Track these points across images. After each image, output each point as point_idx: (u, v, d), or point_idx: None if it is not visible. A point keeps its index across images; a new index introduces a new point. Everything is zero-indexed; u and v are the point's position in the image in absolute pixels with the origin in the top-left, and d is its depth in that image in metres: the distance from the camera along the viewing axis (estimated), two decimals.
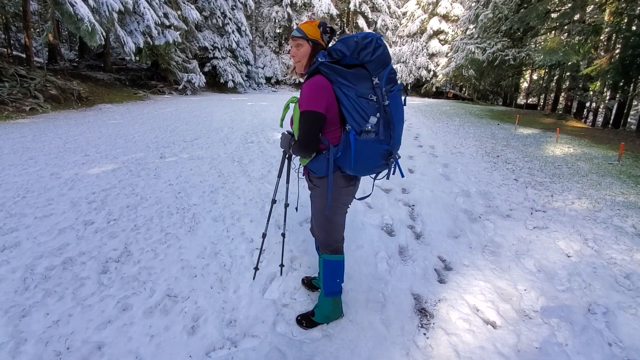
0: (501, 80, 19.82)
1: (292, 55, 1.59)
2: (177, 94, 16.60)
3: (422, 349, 1.72)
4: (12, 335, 1.67)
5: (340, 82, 1.43)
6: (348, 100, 1.43)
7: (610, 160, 6.20)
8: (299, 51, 1.56)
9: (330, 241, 1.74)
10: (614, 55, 10.24)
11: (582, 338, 1.81)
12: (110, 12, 10.19)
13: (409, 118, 11.46)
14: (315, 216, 1.74)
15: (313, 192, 1.70)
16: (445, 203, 3.70)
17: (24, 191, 3.49)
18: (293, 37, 1.56)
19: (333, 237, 1.74)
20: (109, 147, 5.49)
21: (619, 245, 2.84)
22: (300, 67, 1.60)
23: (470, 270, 2.44)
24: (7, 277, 2.11)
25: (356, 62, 1.43)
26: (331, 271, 1.75)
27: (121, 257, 2.41)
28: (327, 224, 1.71)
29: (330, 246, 1.74)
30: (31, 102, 8.68)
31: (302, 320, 1.86)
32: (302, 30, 1.53)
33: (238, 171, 4.54)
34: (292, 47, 1.58)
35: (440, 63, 25.86)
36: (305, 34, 1.52)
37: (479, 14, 15.51)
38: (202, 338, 1.73)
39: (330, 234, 1.73)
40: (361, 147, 1.46)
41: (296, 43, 1.56)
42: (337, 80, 1.43)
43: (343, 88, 1.43)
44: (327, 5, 25.58)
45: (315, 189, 1.67)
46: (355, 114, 1.43)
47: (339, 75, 1.43)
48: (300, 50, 1.55)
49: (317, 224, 1.74)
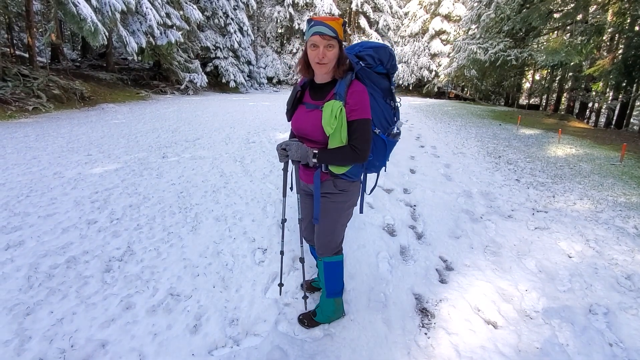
0: (503, 80, 19.78)
1: (322, 57, 1.38)
2: (179, 94, 16.64)
3: (423, 348, 1.73)
4: (16, 333, 1.69)
5: (372, 88, 1.52)
6: (378, 105, 1.53)
7: (613, 161, 6.18)
8: (330, 52, 1.38)
9: (335, 244, 1.72)
10: (617, 56, 10.21)
11: (583, 338, 1.82)
12: (112, 12, 10.22)
13: (411, 118, 11.45)
14: (326, 223, 1.64)
15: (334, 198, 1.60)
16: (447, 203, 3.70)
17: (27, 190, 3.52)
18: (323, 35, 1.35)
19: (339, 238, 1.73)
20: (111, 147, 5.52)
21: (620, 246, 2.84)
22: (327, 69, 1.43)
23: (472, 270, 2.44)
24: (11, 275, 2.13)
25: (383, 71, 1.54)
26: (333, 273, 1.75)
27: (124, 256, 2.42)
28: (339, 227, 1.68)
29: (335, 249, 1.72)
30: (34, 101, 8.72)
31: (303, 319, 1.86)
32: (334, 28, 1.35)
33: (240, 171, 4.56)
34: (320, 47, 1.37)
35: (442, 63, 25.83)
36: (338, 34, 1.37)
37: (481, 14, 15.47)
38: (204, 336, 1.74)
39: (338, 236, 1.71)
40: (390, 147, 1.62)
41: (328, 43, 1.37)
42: (370, 86, 1.51)
43: (375, 94, 1.52)
44: (329, 5, 25.59)
45: (339, 194, 1.60)
46: (382, 119, 1.56)
47: (372, 82, 1.52)
48: (332, 52, 1.38)
49: (326, 230, 1.66)
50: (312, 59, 1.42)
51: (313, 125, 1.48)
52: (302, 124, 1.54)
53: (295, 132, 1.61)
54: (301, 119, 1.55)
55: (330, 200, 1.60)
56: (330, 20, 1.36)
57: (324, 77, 1.50)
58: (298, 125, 1.57)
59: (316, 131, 1.48)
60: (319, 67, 1.42)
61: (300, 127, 1.56)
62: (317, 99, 1.52)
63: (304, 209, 1.81)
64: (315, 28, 1.36)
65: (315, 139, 1.51)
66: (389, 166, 5.11)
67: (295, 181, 1.69)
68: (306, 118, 1.53)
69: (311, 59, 1.43)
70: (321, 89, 1.52)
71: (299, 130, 1.57)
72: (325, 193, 1.59)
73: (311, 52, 1.41)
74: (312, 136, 1.51)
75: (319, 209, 1.59)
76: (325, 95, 1.49)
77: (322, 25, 1.35)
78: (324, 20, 1.36)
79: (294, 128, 1.61)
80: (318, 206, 1.58)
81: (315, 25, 1.36)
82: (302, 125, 1.55)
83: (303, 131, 1.55)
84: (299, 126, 1.57)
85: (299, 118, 1.57)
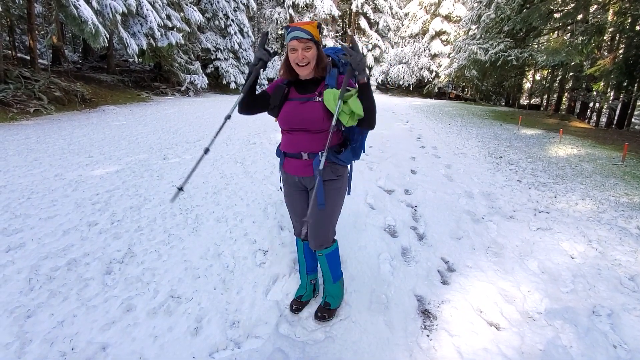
0: (504, 80, 19.75)
1: (301, 58, 1.50)
2: (180, 96, 16.65)
3: (425, 350, 1.71)
4: (17, 336, 1.69)
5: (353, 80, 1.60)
6: None
7: (614, 161, 6.16)
8: (309, 53, 1.51)
9: (334, 232, 1.85)
10: (618, 55, 10.18)
11: (587, 340, 1.80)
12: (113, 14, 10.25)
13: (411, 119, 11.44)
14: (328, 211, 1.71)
15: (332, 185, 1.70)
16: (448, 204, 3.69)
17: (28, 192, 3.52)
18: (300, 38, 1.48)
19: (334, 226, 1.83)
20: (112, 149, 5.52)
21: (623, 247, 2.82)
22: (310, 69, 1.55)
23: (474, 271, 2.43)
24: (12, 277, 2.13)
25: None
26: (334, 260, 1.88)
27: (125, 258, 2.42)
28: (337, 214, 1.79)
29: (333, 237, 1.85)
30: (35, 103, 8.74)
31: (323, 314, 1.88)
32: (310, 31, 1.48)
33: (241, 172, 4.55)
34: (299, 50, 1.50)
35: (442, 64, 25.79)
36: (314, 36, 1.49)
37: (481, 14, 15.45)
38: (205, 339, 1.74)
39: (336, 222, 1.83)
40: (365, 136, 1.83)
41: (305, 45, 1.50)
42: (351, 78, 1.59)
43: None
44: (329, 6, 25.61)
45: (336, 181, 1.71)
46: None
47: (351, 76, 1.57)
48: (310, 53, 1.51)
49: (326, 222, 1.75)
50: (293, 61, 1.54)
51: (311, 114, 1.57)
52: (298, 116, 1.61)
53: (287, 125, 1.66)
54: (296, 112, 1.62)
55: (330, 187, 1.70)
56: (305, 25, 1.49)
57: (308, 76, 1.61)
58: (292, 118, 1.63)
59: (314, 120, 1.57)
60: (301, 68, 1.55)
61: (295, 120, 1.62)
62: (305, 93, 1.62)
63: (296, 207, 1.83)
64: (292, 34, 1.48)
65: (312, 128, 1.60)
66: (390, 167, 5.11)
67: (281, 179, 1.81)
68: (301, 110, 1.60)
69: (292, 62, 1.55)
70: (307, 85, 1.63)
71: (293, 123, 1.63)
72: (325, 180, 1.67)
73: (291, 55, 1.53)
74: (308, 125, 1.60)
75: (323, 195, 1.65)
76: (315, 89, 1.60)
77: (298, 30, 1.47)
78: (300, 25, 1.49)
79: (286, 122, 1.65)
80: (322, 192, 1.64)
81: (292, 31, 1.49)
82: (297, 117, 1.61)
83: (298, 123, 1.62)
84: (293, 119, 1.63)
85: (292, 112, 1.63)
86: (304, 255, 1.96)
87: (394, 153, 6.10)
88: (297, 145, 1.66)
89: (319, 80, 1.62)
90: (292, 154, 1.69)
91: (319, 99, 1.58)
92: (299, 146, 1.66)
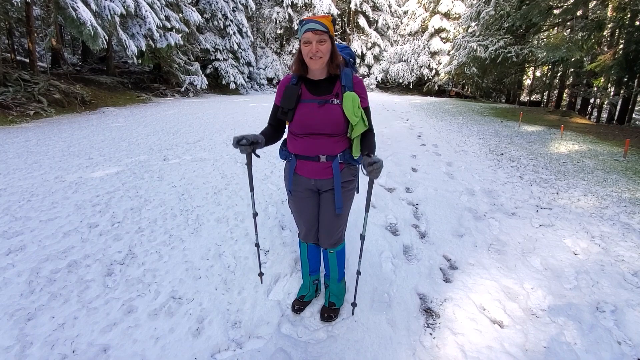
0: (504, 77, 19.70)
1: (315, 51, 1.45)
2: (180, 96, 16.66)
3: (428, 349, 1.70)
4: (18, 339, 1.68)
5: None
6: None
7: (616, 156, 6.13)
8: (323, 47, 1.46)
9: (345, 229, 1.86)
10: (618, 51, 10.14)
11: (591, 337, 1.79)
12: (112, 15, 10.24)
13: (412, 117, 11.42)
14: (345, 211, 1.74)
15: (350, 185, 1.71)
16: (450, 202, 3.67)
17: (28, 195, 3.51)
18: (315, 30, 1.43)
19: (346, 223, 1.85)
20: (112, 150, 5.51)
21: (626, 243, 2.81)
22: (322, 63, 1.50)
23: (476, 269, 2.42)
24: (12, 280, 2.12)
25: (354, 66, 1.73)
26: (342, 257, 1.92)
27: (126, 260, 2.41)
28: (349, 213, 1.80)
29: (343, 235, 1.86)
30: (35, 106, 8.74)
31: (329, 314, 1.88)
32: (325, 25, 1.44)
33: (241, 172, 4.54)
34: (313, 43, 1.44)
35: (442, 61, 25.74)
36: (329, 29, 1.46)
37: (480, 11, 15.41)
38: (207, 340, 1.73)
39: (347, 221, 1.84)
40: None
41: (320, 38, 1.44)
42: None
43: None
44: (327, 5, 25.57)
45: (352, 181, 1.72)
46: None
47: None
48: (324, 46, 1.46)
49: (341, 222, 1.77)
50: (306, 54, 1.48)
51: (330, 119, 1.53)
52: (316, 120, 1.54)
53: (304, 130, 1.57)
54: (313, 116, 1.54)
55: (347, 189, 1.70)
56: (321, 18, 1.46)
57: (320, 73, 1.56)
58: (310, 123, 1.54)
59: (334, 124, 1.53)
60: (313, 62, 1.48)
61: (313, 124, 1.54)
62: (320, 94, 1.56)
63: (306, 211, 1.77)
64: (307, 25, 1.44)
65: (330, 132, 1.55)
66: (391, 165, 5.09)
67: (290, 180, 1.72)
68: (320, 114, 1.53)
69: (305, 55, 1.49)
70: (320, 85, 1.57)
71: (310, 127, 1.55)
72: (342, 182, 1.67)
73: (305, 48, 1.47)
74: (327, 130, 1.54)
75: (342, 199, 1.65)
76: (330, 89, 1.55)
77: (313, 22, 1.44)
78: (315, 18, 1.45)
79: (303, 126, 1.56)
80: (340, 196, 1.64)
81: (307, 23, 1.45)
82: (315, 122, 1.54)
83: (315, 126, 1.54)
84: (311, 123, 1.54)
85: (309, 115, 1.54)
86: (307, 256, 1.94)
87: (394, 151, 6.09)
88: (314, 149, 1.58)
89: (332, 79, 1.57)
90: (308, 156, 1.61)
91: (337, 101, 1.53)
92: (316, 149, 1.58)
